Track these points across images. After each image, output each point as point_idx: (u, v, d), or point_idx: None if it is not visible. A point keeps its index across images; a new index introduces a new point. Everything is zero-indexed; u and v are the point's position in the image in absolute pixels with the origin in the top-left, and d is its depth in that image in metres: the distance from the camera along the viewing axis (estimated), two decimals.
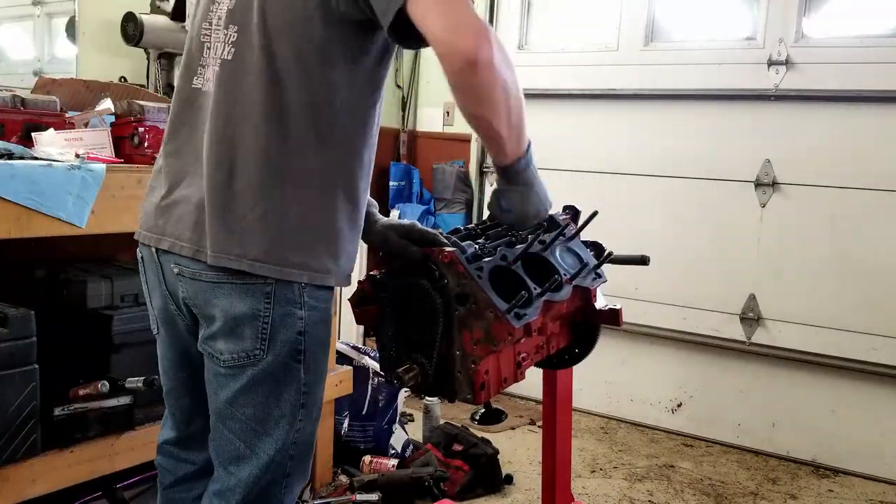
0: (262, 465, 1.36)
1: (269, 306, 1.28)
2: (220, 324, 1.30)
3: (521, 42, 3.81)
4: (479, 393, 1.35)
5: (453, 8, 1.12)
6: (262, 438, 1.35)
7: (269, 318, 1.28)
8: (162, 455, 1.56)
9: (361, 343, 3.69)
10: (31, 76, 3.05)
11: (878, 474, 3.08)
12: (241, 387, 1.32)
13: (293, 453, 1.38)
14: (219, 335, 1.31)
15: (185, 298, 1.34)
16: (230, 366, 1.32)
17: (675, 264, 3.37)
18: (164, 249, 1.34)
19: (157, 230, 1.36)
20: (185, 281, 1.32)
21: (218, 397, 1.35)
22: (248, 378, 1.32)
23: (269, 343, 1.30)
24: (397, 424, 2.95)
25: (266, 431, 1.35)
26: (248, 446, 1.35)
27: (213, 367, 1.35)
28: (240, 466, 1.36)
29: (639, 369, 3.58)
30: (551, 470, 1.85)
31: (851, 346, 3.08)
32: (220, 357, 1.32)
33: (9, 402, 1.79)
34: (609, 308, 1.67)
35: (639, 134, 3.48)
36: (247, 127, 1.26)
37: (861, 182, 3.03)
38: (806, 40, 3.12)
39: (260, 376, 1.32)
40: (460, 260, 1.33)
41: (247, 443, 1.35)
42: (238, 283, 1.27)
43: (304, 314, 1.31)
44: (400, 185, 4.07)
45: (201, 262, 1.29)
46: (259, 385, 1.32)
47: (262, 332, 1.29)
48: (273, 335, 1.29)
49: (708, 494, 2.89)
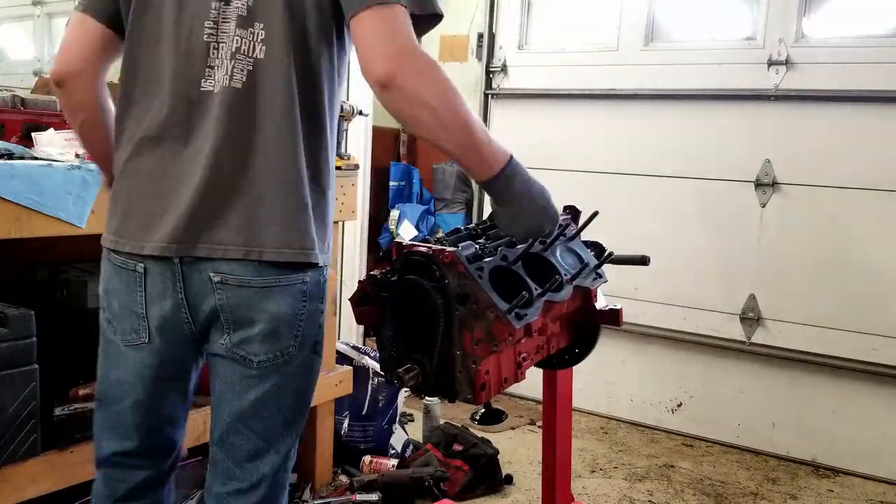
0: (282, 457, 1.41)
1: (304, 304, 1.34)
2: (262, 326, 1.31)
3: (521, 42, 3.81)
4: (479, 393, 1.35)
5: (377, 33, 1.18)
6: (283, 433, 1.40)
7: (305, 315, 1.35)
8: (110, 467, 1.47)
9: (361, 343, 3.70)
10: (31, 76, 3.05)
11: (878, 474, 3.08)
12: (271, 386, 1.35)
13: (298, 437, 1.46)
14: (256, 338, 1.32)
15: (223, 307, 1.31)
16: (264, 367, 1.34)
17: (675, 264, 3.37)
18: (198, 257, 1.29)
19: (181, 238, 1.29)
20: (228, 288, 1.30)
21: (242, 400, 1.35)
22: (279, 376, 1.35)
23: (301, 339, 1.35)
24: (397, 424, 2.95)
25: (289, 425, 1.40)
26: (269, 442, 1.39)
27: (240, 370, 1.34)
28: (260, 463, 1.39)
29: (639, 369, 3.58)
30: (551, 470, 1.85)
31: (851, 346, 3.08)
32: (255, 359, 1.33)
33: (9, 402, 1.79)
34: (609, 308, 1.68)
35: (639, 134, 3.48)
36: (278, 123, 1.28)
37: (861, 182, 3.03)
38: (806, 40, 3.12)
39: (290, 373, 1.36)
40: (461, 260, 1.33)
41: (268, 439, 1.38)
42: (284, 284, 1.31)
43: (324, 307, 1.40)
44: (400, 185, 4.07)
45: (251, 263, 1.28)
46: (290, 381, 1.37)
47: (298, 330, 1.34)
48: (304, 331, 1.36)
49: (708, 494, 2.89)
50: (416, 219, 3.94)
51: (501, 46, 3.84)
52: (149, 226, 1.31)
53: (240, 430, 1.37)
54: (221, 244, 1.28)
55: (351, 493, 2.56)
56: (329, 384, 2.61)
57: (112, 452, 1.45)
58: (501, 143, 1.29)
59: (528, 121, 3.76)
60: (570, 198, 1.79)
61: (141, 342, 1.38)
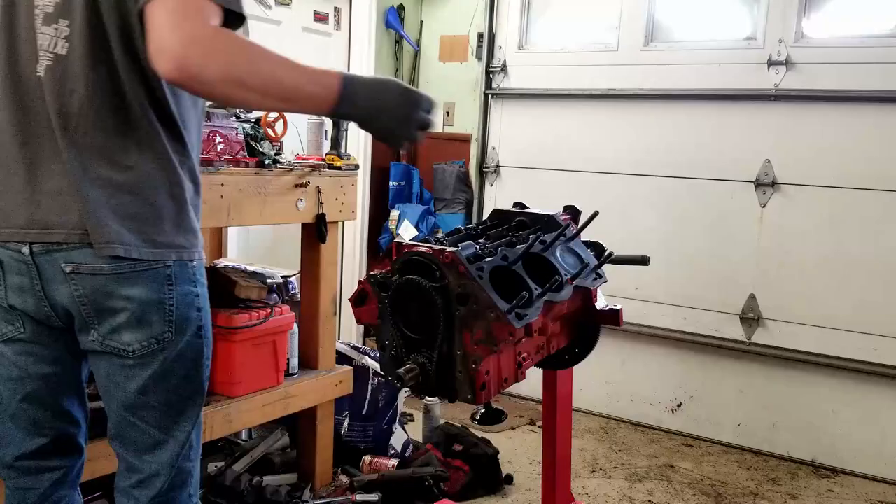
0: (180, 445, 1.41)
1: (171, 288, 1.33)
2: (127, 314, 1.30)
3: (521, 42, 3.81)
4: (479, 393, 1.35)
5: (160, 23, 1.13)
6: (178, 420, 1.40)
7: (174, 299, 1.34)
8: (16, 474, 1.43)
9: (361, 343, 3.70)
10: None
11: (878, 474, 3.08)
12: (152, 373, 1.35)
13: (199, 428, 1.46)
14: (124, 327, 1.31)
15: (79, 297, 1.29)
16: (140, 355, 1.33)
17: (675, 264, 3.37)
18: (47, 247, 1.28)
19: (29, 225, 1.29)
20: (81, 278, 1.28)
21: (127, 390, 1.35)
22: (160, 363, 1.35)
23: (176, 324, 1.35)
24: (397, 424, 2.95)
25: (181, 412, 1.40)
26: (164, 431, 1.39)
27: (118, 361, 1.34)
28: (158, 452, 1.39)
29: (639, 369, 3.58)
30: (551, 470, 1.85)
31: (851, 346, 3.08)
32: (129, 348, 1.32)
33: None
34: (609, 308, 1.68)
35: (639, 134, 3.48)
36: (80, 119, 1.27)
37: (861, 182, 3.03)
38: (806, 40, 3.12)
39: (172, 358, 1.36)
40: (461, 260, 1.33)
41: (163, 428, 1.39)
42: (141, 269, 1.30)
43: (199, 291, 1.39)
44: (400, 185, 4.06)
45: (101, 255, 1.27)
46: (173, 368, 1.37)
47: (169, 315, 1.34)
48: (178, 316, 1.35)
49: (708, 494, 2.89)
50: (416, 219, 3.93)
51: (501, 46, 3.84)
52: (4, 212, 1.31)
53: (131, 422, 1.38)
54: (68, 230, 1.27)
55: (351, 493, 2.56)
56: (329, 384, 2.61)
57: (15, 457, 1.43)
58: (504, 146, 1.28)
59: (528, 121, 3.76)
60: (570, 198, 1.79)
61: (18, 334, 1.37)
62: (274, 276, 2.55)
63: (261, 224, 2.87)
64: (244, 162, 2.21)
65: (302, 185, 2.37)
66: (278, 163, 2.33)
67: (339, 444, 2.77)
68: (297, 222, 2.49)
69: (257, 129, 2.37)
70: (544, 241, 1.55)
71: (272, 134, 2.36)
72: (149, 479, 1.40)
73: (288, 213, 2.36)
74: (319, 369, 2.61)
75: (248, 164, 2.22)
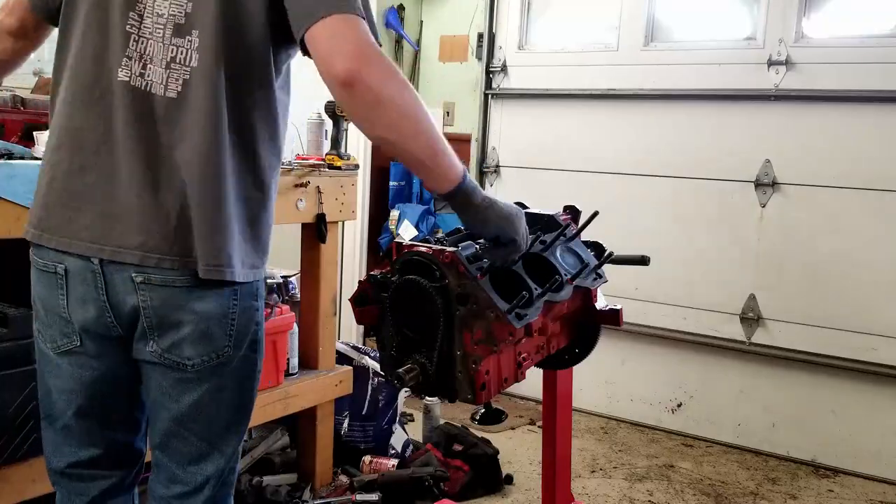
0: (227, 457, 1.40)
1: (236, 302, 1.32)
2: (191, 328, 1.28)
3: (521, 42, 3.81)
4: (479, 393, 1.35)
5: (336, 35, 1.16)
6: (226, 434, 1.39)
7: (236, 314, 1.33)
8: (68, 480, 1.43)
9: (361, 343, 3.70)
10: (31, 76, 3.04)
11: (878, 474, 3.08)
12: (209, 387, 1.33)
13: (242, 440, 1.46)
14: (187, 340, 1.29)
15: (146, 308, 1.27)
16: (199, 369, 1.31)
17: (675, 264, 3.37)
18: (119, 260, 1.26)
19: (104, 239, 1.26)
20: (151, 288, 1.26)
21: (181, 403, 1.33)
22: (218, 377, 1.33)
23: (236, 338, 1.33)
24: (397, 424, 2.95)
25: (231, 426, 1.39)
26: (212, 444, 1.37)
27: (175, 375, 1.31)
28: (204, 465, 1.38)
29: (639, 369, 3.58)
30: (551, 470, 1.85)
31: (852, 346, 3.08)
32: (189, 362, 1.30)
33: (9, 402, 1.79)
34: (609, 308, 1.67)
35: (639, 134, 3.48)
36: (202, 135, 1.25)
37: (861, 182, 3.03)
38: (806, 40, 3.12)
39: (228, 372, 1.35)
40: (461, 260, 1.33)
41: (211, 441, 1.37)
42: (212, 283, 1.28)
43: (259, 305, 1.39)
44: (400, 185, 4.06)
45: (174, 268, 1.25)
46: (228, 382, 1.35)
47: (230, 329, 1.32)
48: (238, 330, 1.33)
49: (708, 494, 2.89)
50: (416, 219, 3.93)
51: (501, 46, 3.84)
52: (71, 221, 1.28)
53: (180, 434, 1.35)
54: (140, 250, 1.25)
55: (351, 493, 2.56)
56: (329, 384, 2.61)
57: (67, 465, 1.42)
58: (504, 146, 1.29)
59: (529, 121, 3.76)
60: (570, 198, 1.79)
61: (74, 346, 1.34)
62: (274, 276, 2.55)
63: None
64: None
65: (302, 185, 2.37)
66: None
67: (339, 444, 2.77)
68: (297, 222, 2.49)
69: None
70: (544, 241, 1.55)
71: None
72: (193, 492, 1.38)
73: (288, 213, 2.36)
74: (319, 369, 2.61)
75: None
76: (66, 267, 1.30)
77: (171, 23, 1.25)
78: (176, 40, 1.25)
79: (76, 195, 1.28)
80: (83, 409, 1.37)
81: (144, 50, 1.26)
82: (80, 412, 1.37)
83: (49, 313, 1.35)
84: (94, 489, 1.43)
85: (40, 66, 3.23)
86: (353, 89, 1.14)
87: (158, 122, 1.26)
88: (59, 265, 1.30)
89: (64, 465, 1.42)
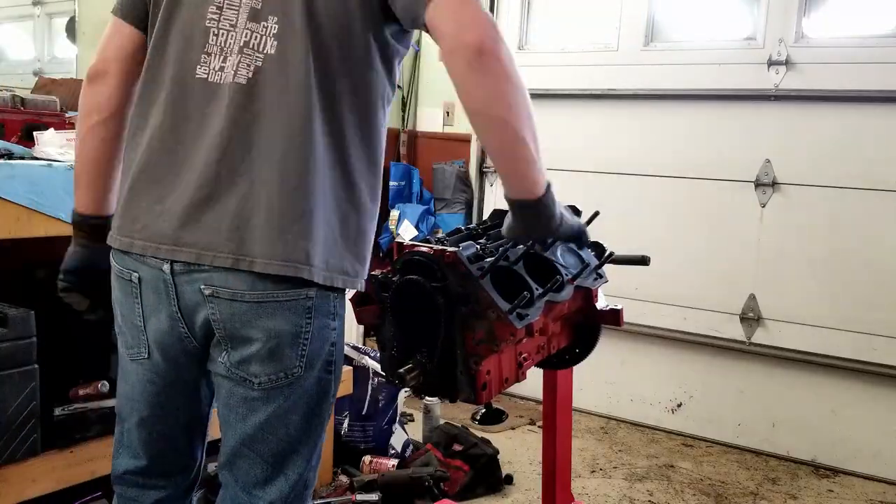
0: (291, 484, 1.32)
1: (309, 321, 1.24)
2: (260, 345, 1.22)
3: (521, 42, 3.81)
4: (480, 393, 1.35)
5: (464, 8, 1.13)
6: (292, 458, 1.31)
7: (310, 333, 1.25)
8: (124, 485, 1.43)
9: (361, 343, 3.70)
10: (31, 76, 3.05)
11: (878, 474, 3.08)
12: (277, 408, 1.27)
13: (315, 464, 1.36)
14: (255, 357, 1.23)
15: (216, 321, 1.23)
16: (266, 388, 1.25)
17: (675, 264, 3.37)
18: (188, 266, 1.21)
19: (175, 241, 1.21)
20: (220, 302, 1.21)
21: (247, 423, 1.28)
22: (285, 398, 1.27)
23: (308, 359, 1.26)
24: (397, 424, 2.95)
25: (298, 450, 1.31)
26: (277, 468, 1.31)
27: (242, 392, 1.27)
28: (268, 489, 1.31)
29: (639, 369, 3.58)
30: (551, 470, 1.85)
31: (851, 346, 3.08)
32: (255, 380, 1.25)
33: (9, 402, 1.79)
34: (610, 308, 1.68)
35: (639, 134, 3.48)
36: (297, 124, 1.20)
37: (861, 182, 3.03)
38: (806, 40, 3.12)
39: (298, 394, 1.27)
40: (462, 260, 1.33)
41: (276, 465, 1.30)
42: (283, 300, 1.21)
43: (337, 325, 1.31)
44: (400, 185, 4.07)
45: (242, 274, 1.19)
46: (297, 403, 1.28)
47: (302, 349, 1.25)
48: (311, 350, 1.26)
49: (708, 494, 2.89)
50: (416, 219, 3.94)
51: None
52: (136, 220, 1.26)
53: (246, 455, 1.30)
54: (210, 250, 1.19)
55: (351, 493, 2.55)
56: None
57: (124, 471, 1.42)
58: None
59: None
60: (571, 198, 1.78)
61: (144, 358, 1.32)
62: None
63: None
64: None
65: None
66: None
67: (339, 444, 2.77)
68: None
69: None
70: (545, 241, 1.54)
71: None
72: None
73: None
74: None
75: None
76: (140, 275, 1.28)
77: (246, 8, 1.22)
78: (251, 25, 1.22)
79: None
80: (146, 421, 1.37)
81: (225, 42, 1.22)
82: (143, 421, 1.37)
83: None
84: (149, 497, 1.43)
85: (40, 67, 3.24)
86: (486, 59, 1.11)
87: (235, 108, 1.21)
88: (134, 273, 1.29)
89: (122, 471, 1.42)
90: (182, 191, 1.22)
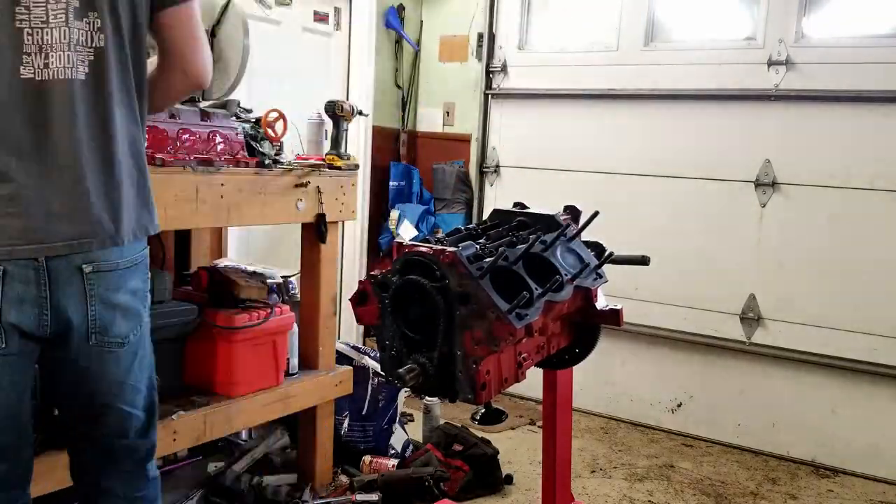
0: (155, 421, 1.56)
1: (147, 272, 1.48)
2: (126, 305, 1.40)
3: (521, 42, 3.81)
4: (480, 393, 1.35)
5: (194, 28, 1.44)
6: (152, 395, 1.52)
7: (147, 282, 1.48)
8: None
9: (361, 343, 3.70)
10: None
11: (878, 474, 3.08)
12: (134, 354, 1.45)
13: None
14: (119, 318, 1.40)
15: (93, 296, 1.35)
16: (130, 341, 1.44)
17: (675, 264, 3.37)
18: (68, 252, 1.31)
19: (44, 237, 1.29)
20: (100, 276, 1.35)
21: (117, 376, 1.42)
22: (137, 343, 1.46)
23: (147, 303, 1.49)
24: (397, 424, 2.95)
25: (153, 385, 1.52)
26: (146, 410, 1.51)
27: (107, 353, 1.40)
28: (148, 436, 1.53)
29: (639, 369, 3.58)
30: (551, 470, 1.85)
31: (851, 346, 3.08)
32: (122, 338, 1.41)
33: None
34: (610, 308, 1.67)
35: (639, 134, 3.48)
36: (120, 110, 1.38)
37: (861, 182, 3.03)
38: (806, 40, 3.12)
39: (144, 336, 1.49)
40: (462, 260, 1.33)
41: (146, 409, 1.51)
42: (141, 260, 1.44)
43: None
44: (400, 185, 4.06)
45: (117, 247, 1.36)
46: (145, 345, 1.49)
47: (145, 296, 1.47)
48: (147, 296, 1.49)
49: (708, 494, 2.89)
50: (416, 219, 3.93)
51: (501, 46, 3.84)
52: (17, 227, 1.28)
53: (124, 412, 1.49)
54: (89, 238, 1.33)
55: (351, 493, 2.56)
56: (329, 384, 2.61)
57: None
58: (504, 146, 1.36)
59: (528, 121, 3.76)
60: (571, 198, 1.79)
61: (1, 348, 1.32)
62: (274, 276, 2.55)
63: (261, 224, 2.87)
64: (244, 162, 2.22)
65: (302, 185, 2.37)
66: (278, 163, 2.33)
67: (339, 444, 2.77)
68: (297, 222, 2.49)
69: (257, 129, 2.37)
70: (545, 241, 1.55)
71: (272, 134, 2.36)
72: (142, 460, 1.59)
73: (288, 213, 2.36)
74: (319, 369, 2.60)
75: (249, 165, 2.22)
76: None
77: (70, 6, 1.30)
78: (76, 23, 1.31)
79: None
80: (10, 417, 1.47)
81: (42, 40, 1.28)
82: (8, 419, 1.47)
83: None
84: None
85: None
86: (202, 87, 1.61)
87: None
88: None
89: None
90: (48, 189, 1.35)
